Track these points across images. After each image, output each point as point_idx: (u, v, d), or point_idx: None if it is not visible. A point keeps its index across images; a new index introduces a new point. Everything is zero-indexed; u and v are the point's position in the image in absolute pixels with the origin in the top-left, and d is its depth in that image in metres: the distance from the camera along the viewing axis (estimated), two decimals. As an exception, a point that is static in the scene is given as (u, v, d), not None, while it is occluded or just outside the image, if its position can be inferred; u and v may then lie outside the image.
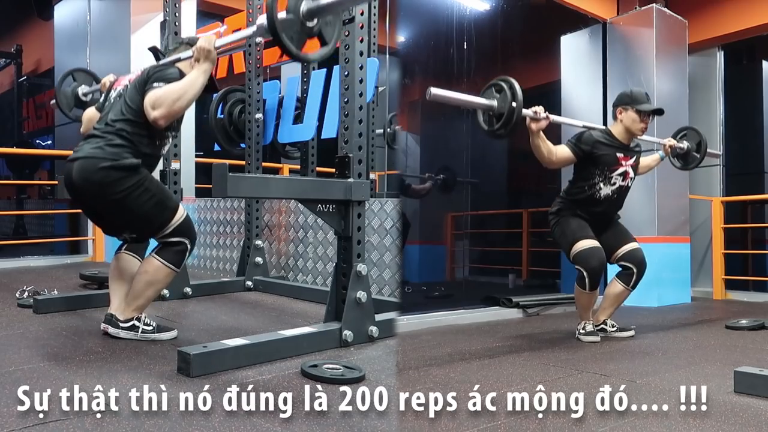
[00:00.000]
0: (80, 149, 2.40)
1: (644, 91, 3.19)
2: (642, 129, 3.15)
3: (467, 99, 2.70)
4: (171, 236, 2.45)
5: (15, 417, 1.57)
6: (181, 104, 2.34)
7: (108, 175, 2.31)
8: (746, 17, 5.28)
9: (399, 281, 3.56)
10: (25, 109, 10.14)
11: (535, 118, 2.78)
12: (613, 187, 3.14)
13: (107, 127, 2.41)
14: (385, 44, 5.12)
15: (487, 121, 2.70)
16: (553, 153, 3.00)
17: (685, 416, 1.83)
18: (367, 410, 1.73)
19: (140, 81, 2.43)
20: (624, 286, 3.16)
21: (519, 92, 2.56)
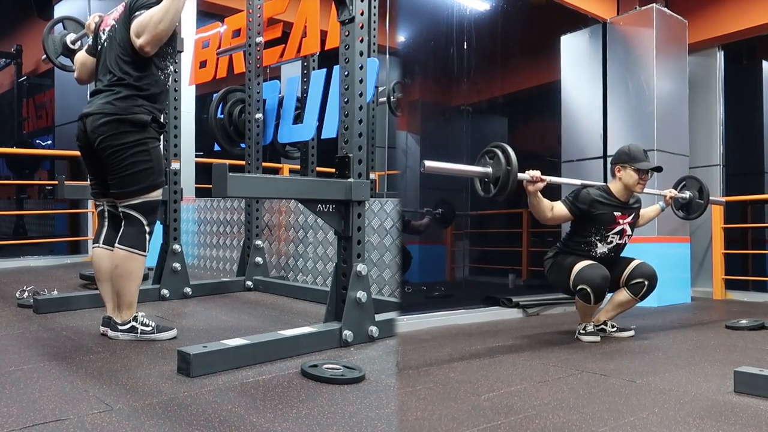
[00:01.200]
0: (91, 104, 2.45)
1: (642, 148, 3.17)
2: (641, 187, 3.13)
3: (462, 168, 2.72)
4: (134, 209, 2.46)
5: (15, 417, 1.57)
6: (164, 26, 2.34)
7: (117, 128, 2.39)
8: (746, 17, 5.28)
9: (399, 281, 3.56)
10: (25, 109, 10.15)
11: (532, 181, 2.78)
12: (610, 246, 3.14)
13: (111, 77, 2.45)
14: (385, 44, 5.12)
15: (483, 187, 2.70)
16: (550, 211, 2.97)
17: (685, 416, 1.83)
18: (367, 410, 1.73)
19: (125, 16, 2.45)
20: (631, 296, 3.14)
21: (513, 157, 2.56)
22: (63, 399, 1.73)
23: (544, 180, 2.80)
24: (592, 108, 5.32)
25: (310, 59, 4.23)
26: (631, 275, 3.13)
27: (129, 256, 2.45)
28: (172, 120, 3.71)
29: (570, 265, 3.07)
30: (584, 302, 3.02)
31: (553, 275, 3.19)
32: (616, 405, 1.94)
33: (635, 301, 3.16)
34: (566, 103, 5.56)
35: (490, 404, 1.93)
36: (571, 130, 5.49)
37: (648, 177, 3.15)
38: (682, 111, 5.22)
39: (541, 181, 2.80)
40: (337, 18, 2.55)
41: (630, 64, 5.07)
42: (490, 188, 2.65)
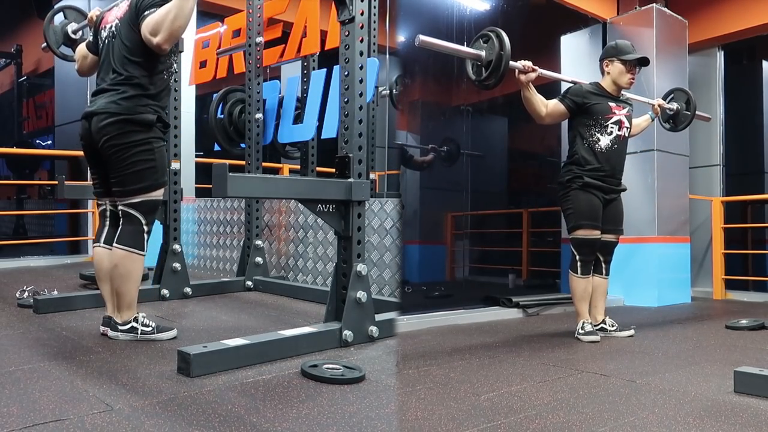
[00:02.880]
0: (95, 103, 2.44)
1: (629, 43, 3.23)
2: (629, 80, 3.19)
3: (456, 48, 2.73)
4: (134, 208, 2.46)
5: (15, 417, 1.57)
6: (180, 22, 2.33)
7: (122, 128, 2.39)
8: (746, 17, 5.28)
9: (399, 281, 3.56)
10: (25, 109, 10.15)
11: (524, 70, 2.84)
12: (611, 137, 3.16)
13: (116, 77, 2.44)
14: (385, 44, 5.12)
15: (476, 71, 2.72)
16: (544, 105, 3.05)
17: (685, 416, 1.83)
18: (367, 410, 1.73)
19: (131, 15, 2.43)
20: (599, 276, 3.28)
21: (507, 42, 2.59)
22: (63, 399, 1.73)
23: (536, 70, 2.88)
24: (592, 108, 5.31)
25: (310, 59, 4.23)
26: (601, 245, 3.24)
27: (127, 256, 2.45)
28: (172, 120, 3.70)
29: (578, 217, 3.14)
30: (571, 270, 3.19)
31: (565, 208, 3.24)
32: (616, 405, 1.94)
33: (606, 279, 3.30)
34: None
35: (490, 404, 1.93)
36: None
37: (635, 70, 3.20)
38: (682, 111, 5.22)
39: (533, 71, 2.88)
40: (337, 18, 2.55)
41: (630, 64, 5.06)
42: (482, 72, 2.66)
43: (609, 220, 3.24)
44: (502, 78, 2.62)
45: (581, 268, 3.17)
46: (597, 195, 3.16)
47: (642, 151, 4.78)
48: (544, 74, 2.95)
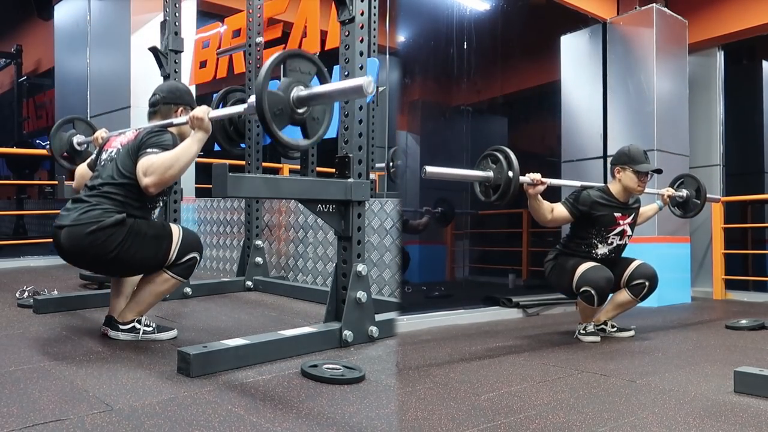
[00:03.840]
0: (67, 215, 2.34)
1: (642, 150, 3.15)
2: (641, 188, 3.13)
3: (464, 173, 2.71)
4: (179, 259, 2.43)
5: (15, 417, 1.57)
6: (173, 172, 2.29)
7: (96, 238, 2.27)
8: (746, 17, 5.28)
9: (399, 281, 3.56)
10: (25, 109, 10.15)
11: (533, 184, 2.78)
12: (611, 247, 3.14)
13: (94, 191, 2.37)
14: (385, 44, 5.12)
15: (483, 191, 2.69)
16: (550, 213, 2.97)
17: (685, 416, 1.83)
18: (367, 410, 1.73)
19: (133, 146, 2.39)
20: (632, 297, 3.14)
21: (515, 162, 2.55)
22: (63, 399, 1.73)
23: (545, 183, 2.80)
24: (592, 108, 5.32)
25: (310, 59, 4.23)
26: (631, 276, 3.13)
27: (170, 280, 2.45)
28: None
29: (572, 267, 3.06)
30: (587, 304, 3.02)
31: (554, 278, 3.18)
32: (616, 405, 1.94)
33: (636, 302, 3.16)
34: (566, 103, 5.56)
35: (490, 404, 1.93)
36: (571, 130, 5.50)
37: (648, 179, 3.14)
38: (682, 111, 5.22)
39: (541, 184, 2.80)
40: (337, 18, 2.55)
41: (630, 64, 5.07)
42: (491, 193, 2.64)
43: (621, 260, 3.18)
44: (511, 198, 2.59)
45: (597, 302, 2.99)
46: None
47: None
48: (553, 183, 2.88)
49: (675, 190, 3.63)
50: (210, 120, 2.36)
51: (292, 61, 2.19)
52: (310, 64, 2.25)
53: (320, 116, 2.30)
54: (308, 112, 2.22)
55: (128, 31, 5.48)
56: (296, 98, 2.16)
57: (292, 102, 2.15)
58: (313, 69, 2.26)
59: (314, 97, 2.16)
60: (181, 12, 3.72)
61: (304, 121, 2.24)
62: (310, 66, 2.25)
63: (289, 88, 2.15)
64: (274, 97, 2.10)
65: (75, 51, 6.27)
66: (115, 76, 5.67)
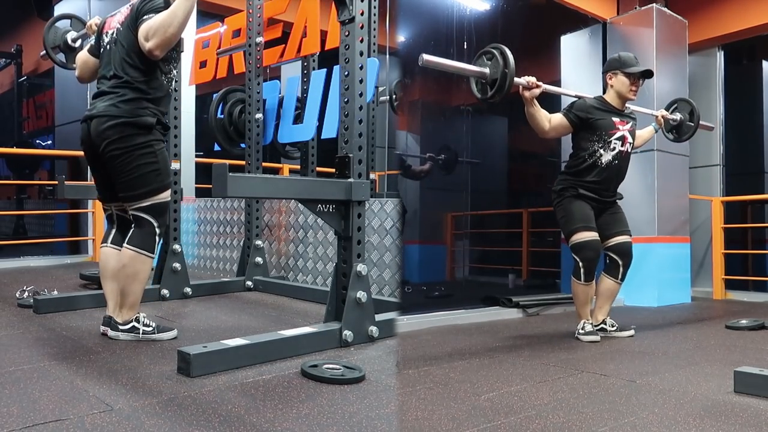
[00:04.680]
0: (94, 107, 2.44)
1: (633, 55, 3.22)
2: (633, 92, 3.18)
3: (460, 66, 2.72)
4: (145, 211, 2.46)
5: (15, 417, 1.57)
6: (173, 30, 2.34)
7: (122, 131, 2.38)
8: (746, 17, 5.28)
9: (399, 281, 3.56)
10: (25, 109, 10.15)
11: (528, 86, 2.83)
12: (613, 152, 3.15)
13: (115, 80, 2.45)
14: (385, 44, 5.12)
15: (480, 88, 2.72)
16: (548, 120, 3.04)
17: (685, 416, 1.83)
18: (367, 410, 1.73)
19: (131, 19, 2.44)
20: (613, 280, 3.21)
21: (511, 59, 2.58)
22: (63, 399, 1.73)
23: (540, 86, 2.86)
24: (592, 108, 5.31)
25: (310, 59, 4.23)
26: (610, 248, 3.20)
27: (136, 257, 2.46)
28: (172, 120, 3.71)
29: (573, 222, 3.11)
30: (574, 277, 3.13)
31: (559, 216, 3.22)
32: (616, 405, 1.94)
33: (618, 284, 3.23)
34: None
35: (490, 404, 1.93)
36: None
37: (639, 83, 3.19)
38: (682, 111, 5.22)
39: (537, 87, 2.86)
40: (337, 18, 2.55)
41: (630, 64, 5.06)
42: (487, 90, 2.66)
43: (613, 224, 3.22)
44: (506, 94, 2.61)
45: (584, 274, 3.11)
46: (589, 203, 3.15)
47: (642, 151, 4.77)
48: (548, 89, 2.93)
49: (669, 113, 3.67)
50: None
51: None
52: None
53: None
54: None
55: (128, 31, 5.46)
56: None
57: None
58: None
59: None
60: (181, 12, 3.71)
61: None
62: None
63: None
64: None
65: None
66: (115, 76, 5.65)
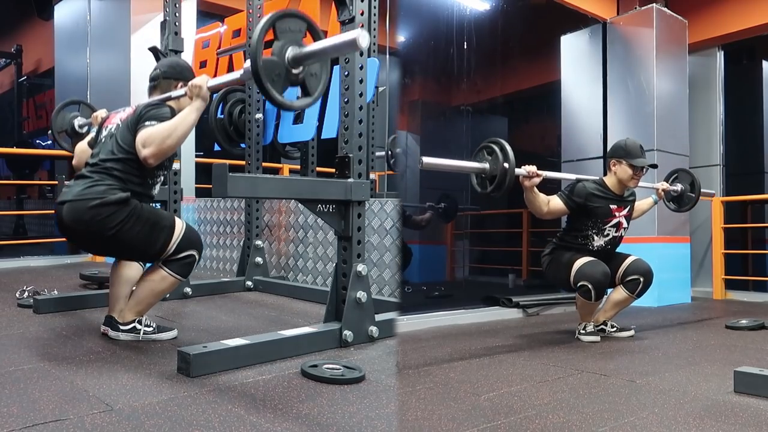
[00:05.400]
0: (69, 191, 2.36)
1: (639, 144, 3.17)
2: (635, 182, 3.15)
3: (460, 164, 2.73)
4: (177, 252, 2.42)
5: (15, 417, 1.57)
6: (171, 142, 2.30)
7: (98, 213, 2.27)
8: (746, 17, 5.28)
9: (399, 281, 3.56)
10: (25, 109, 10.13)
11: (528, 176, 2.80)
12: (606, 239, 3.14)
13: (97, 167, 2.38)
14: (385, 44, 5.12)
15: (480, 183, 2.71)
16: (546, 206, 2.99)
17: (685, 416, 1.83)
18: (367, 410, 1.73)
19: (132, 120, 2.39)
20: (628, 294, 3.14)
21: (510, 153, 2.58)
22: (63, 399, 1.73)
23: (540, 175, 2.83)
24: (592, 108, 5.32)
25: (310, 59, 4.23)
26: (626, 272, 3.13)
27: (168, 278, 2.43)
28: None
29: (569, 261, 3.07)
30: (585, 299, 3.03)
31: (551, 272, 3.19)
32: (616, 405, 1.94)
33: (632, 299, 3.17)
34: (566, 103, 5.56)
35: (490, 404, 1.93)
36: (571, 130, 5.50)
37: (643, 173, 3.16)
38: (682, 111, 5.22)
39: (537, 176, 2.83)
40: (337, 18, 2.55)
41: (630, 64, 5.07)
42: (487, 184, 2.66)
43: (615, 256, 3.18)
44: (507, 189, 2.61)
45: (594, 295, 3.00)
46: None
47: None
48: (548, 176, 2.89)
49: (670, 184, 3.65)
50: (209, 89, 2.35)
51: (282, 23, 2.08)
52: (300, 21, 2.14)
53: (318, 72, 2.20)
54: (305, 71, 2.13)
55: (128, 31, 5.48)
56: (291, 58, 2.06)
57: (287, 63, 2.07)
58: (303, 26, 2.15)
59: (309, 55, 2.07)
60: (181, 12, 3.71)
61: (303, 80, 2.16)
62: (301, 23, 2.14)
63: (282, 50, 2.05)
64: (270, 63, 2.02)
65: (75, 51, 6.27)
66: (115, 76, 5.66)
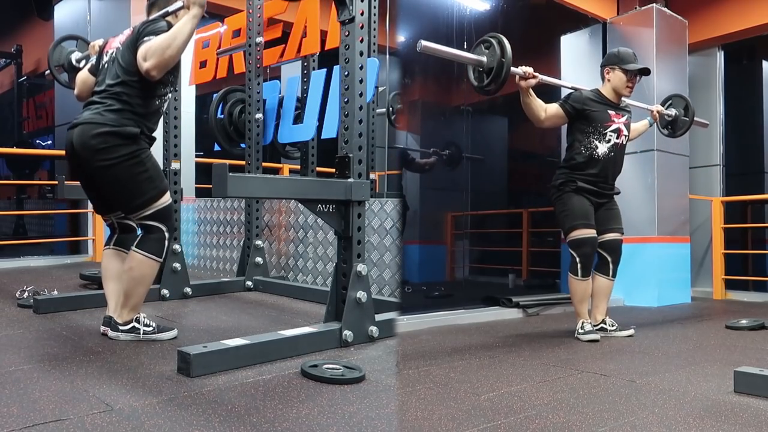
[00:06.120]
0: (80, 116, 2.41)
1: (631, 51, 3.24)
2: (629, 89, 3.21)
3: (457, 53, 2.73)
4: (150, 219, 2.44)
5: (15, 417, 1.57)
6: (171, 52, 2.32)
7: (105, 141, 2.32)
8: (746, 17, 5.28)
9: (399, 281, 3.56)
10: (25, 109, 10.14)
11: (524, 76, 2.85)
12: (609, 144, 3.18)
13: (105, 92, 2.42)
14: (385, 44, 5.12)
15: (477, 77, 2.73)
16: (544, 110, 3.08)
17: (685, 416, 1.83)
18: (367, 410, 1.73)
19: (131, 39, 2.43)
20: (605, 277, 3.26)
21: (508, 48, 2.61)
22: (63, 399, 1.73)
23: (537, 77, 2.89)
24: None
25: (310, 59, 4.23)
26: (601, 245, 3.22)
27: (144, 261, 2.45)
28: (172, 120, 3.71)
29: (572, 219, 3.14)
30: (571, 273, 3.17)
31: (558, 211, 3.25)
32: (616, 405, 1.94)
33: (611, 281, 3.28)
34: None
35: (490, 404, 1.93)
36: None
37: (636, 80, 3.22)
38: (682, 111, 5.22)
39: (533, 77, 2.88)
40: (337, 18, 2.55)
41: (630, 64, 5.06)
42: (484, 78, 2.68)
43: (607, 220, 3.26)
44: (503, 84, 2.63)
45: (581, 270, 3.16)
46: (589, 198, 3.19)
47: (642, 151, 4.78)
48: (544, 80, 2.96)
49: (665, 109, 3.69)
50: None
51: None
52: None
53: None
54: None
55: (128, 31, 5.47)
56: None
57: None
58: None
59: None
60: (181, 12, 3.71)
61: None
62: None
63: None
64: None
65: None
66: (115, 76, 5.66)
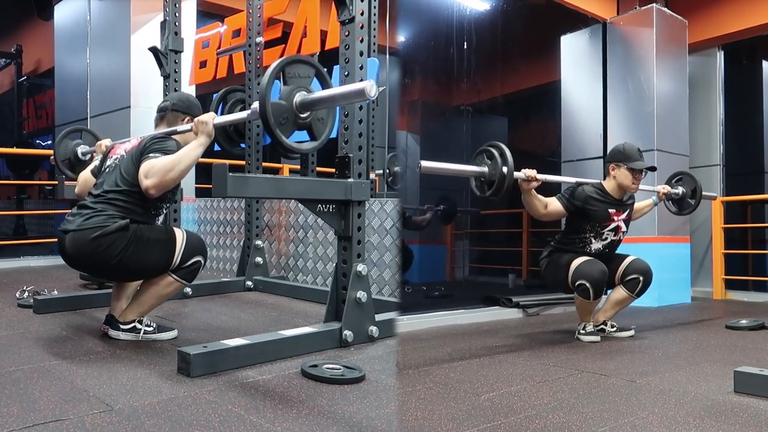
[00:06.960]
0: (72, 220, 2.37)
1: (637, 147, 3.18)
2: (635, 186, 3.14)
3: (459, 168, 2.73)
4: (183, 263, 2.44)
5: (15, 417, 1.57)
6: (173, 175, 2.30)
7: (99, 244, 2.29)
8: (746, 17, 5.28)
9: (399, 281, 3.56)
10: (25, 109, 10.14)
11: (527, 179, 2.80)
12: (605, 242, 3.14)
13: (99, 198, 2.39)
14: (385, 44, 5.12)
15: (479, 186, 2.72)
16: (544, 207, 2.99)
17: (685, 416, 1.83)
18: (367, 410, 1.73)
19: (137, 152, 2.40)
20: (628, 293, 3.14)
21: (509, 158, 2.58)
22: (63, 399, 1.73)
23: (539, 179, 2.83)
24: (592, 108, 5.32)
25: (310, 59, 4.23)
26: (625, 272, 3.13)
27: (174, 283, 2.46)
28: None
29: (567, 261, 3.07)
30: (583, 298, 3.02)
31: (549, 274, 3.19)
32: (616, 405, 1.94)
33: (632, 298, 3.17)
34: (566, 103, 5.56)
35: (490, 404, 1.93)
36: (571, 130, 5.50)
37: (642, 176, 3.16)
38: (682, 111, 5.22)
39: (535, 180, 2.82)
40: (337, 18, 2.55)
41: (630, 64, 5.07)
42: (486, 189, 2.67)
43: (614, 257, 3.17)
44: (506, 193, 2.62)
45: (593, 295, 2.99)
46: None
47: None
48: (547, 180, 2.89)
49: (671, 187, 3.65)
50: (214, 126, 2.38)
51: (290, 68, 2.23)
52: (308, 67, 2.29)
53: (325, 117, 2.34)
54: (312, 115, 2.26)
55: (128, 31, 5.48)
56: (299, 104, 2.20)
57: (295, 108, 2.19)
58: (311, 71, 2.30)
59: (317, 101, 2.20)
60: (181, 12, 3.72)
61: (310, 125, 2.29)
62: (309, 69, 2.29)
63: (291, 96, 2.19)
64: (278, 107, 2.13)
65: (75, 51, 6.27)
66: (115, 76, 5.67)
